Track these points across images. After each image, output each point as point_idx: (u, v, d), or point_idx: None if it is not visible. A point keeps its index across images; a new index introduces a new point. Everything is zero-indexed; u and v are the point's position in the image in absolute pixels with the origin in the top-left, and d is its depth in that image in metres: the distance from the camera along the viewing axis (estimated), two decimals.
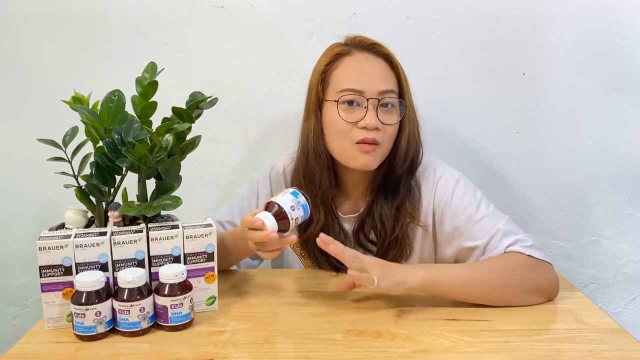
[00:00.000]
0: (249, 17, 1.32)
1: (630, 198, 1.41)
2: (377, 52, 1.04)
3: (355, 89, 1.01)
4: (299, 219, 0.91)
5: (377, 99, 1.01)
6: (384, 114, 1.02)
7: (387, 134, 1.03)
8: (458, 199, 1.05)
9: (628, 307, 1.47)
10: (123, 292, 0.82)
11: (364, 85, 1.01)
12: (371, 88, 1.01)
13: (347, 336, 0.83)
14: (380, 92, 1.01)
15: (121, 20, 1.31)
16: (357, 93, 1.01)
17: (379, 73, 1.03)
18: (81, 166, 0.96)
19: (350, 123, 1.01)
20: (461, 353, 0.79)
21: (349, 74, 1.03)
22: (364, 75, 1.02)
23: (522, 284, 0.94)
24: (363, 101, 1.00)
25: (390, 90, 1.02)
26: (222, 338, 0.83)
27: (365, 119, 1.00)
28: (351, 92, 1.01)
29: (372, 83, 1.01)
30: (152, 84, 0.92)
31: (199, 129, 1.00)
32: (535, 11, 1.31)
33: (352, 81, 1.02)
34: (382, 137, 1.02)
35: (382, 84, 1.02)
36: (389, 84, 1.03)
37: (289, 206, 0.89)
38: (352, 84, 1.01)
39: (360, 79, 1.01)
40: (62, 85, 1.31)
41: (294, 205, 0.90)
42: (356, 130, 1.01)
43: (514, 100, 1.36)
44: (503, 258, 0.97)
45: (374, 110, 1.00)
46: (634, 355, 0.78)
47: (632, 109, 1.36)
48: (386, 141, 1.03)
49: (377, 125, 1.00)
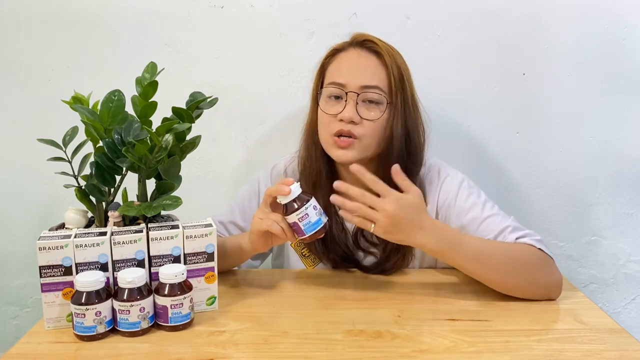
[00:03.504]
0: (249, 17, 1.32)
1: (630, 198, 1.41)
2: (369, 49, 1.05)
3: (337, 82, 1.03)
4: (305, 219, 0.90)
5: (357, 93, 1.01)
6: (364, 109, 1.02)
7: (367, 129, 1.02)
8: (463, 199, 1.05)
9: (628, 307, 1.47)
10: (123, 292, 0.82)
11: (346, 79, 1.02)
12: (353, 82, 1.02)
13: (347, 336, 0.83)
14: (361, 87, 1.01)
15: (121, 20, 1.31)
16: (339, 86, 1.03)
17: (366, 68, 1.03)
18: (81, 166, 0.96)
19: (331, 115, 1.03)
20: (461, 353, 0.79)
21: (337, 69, 1.05)
22: (350, 69, 1.04)
23: (532, 275, 0.95)
24: (344, 94, 1.02)
25: (374, 86, 1.02)
26: (222, 338, 0.83)
27: (343, 112, 1.01)
28: (334, 85, 1.03)
29: (355, 77, 1.02)
30: (152, 84, 0.92)
31: (199, 129, 1.00)
32: (535, 11, 1.31)
33: (338, 75, 1.04)
34: (361, 131, 1.02)
35: (367, 79, 1.02)
36: (375, 79, 1.02)
37: (313, 205, 0.90)
38: (337, 77, 1.04)
39: (345, 73, 1.04)
40: (62, 85, 1.31)
41: (317, 206, 0.91)
42: (335, 122, 1.02)
43: (514, 100, 1.36)
44: (517, 245, 0.97)
45: (353, 104, 1.01)
46: (634, 355, 0.78)
47: (632, 109, 1.36)
48: (366, 136, 1.02)
49: (353, 118, 1.00)
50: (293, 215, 0.90)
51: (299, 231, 0.91)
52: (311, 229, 0.90)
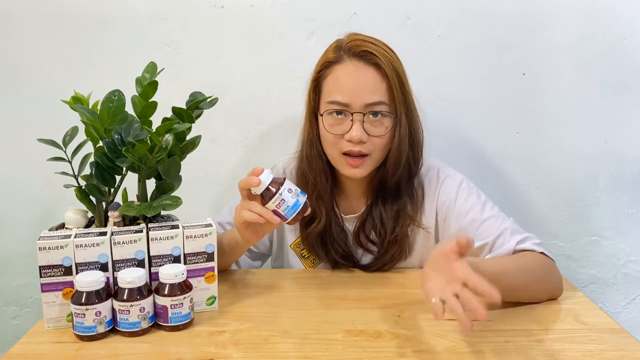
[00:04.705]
0: (249, 17, 1.32)
1: (630, 198, 1.41)
2: (368, 60, 1.00)
3: (341, 102, 1.00)
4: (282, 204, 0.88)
5: (362, 113, 0.99)
6: (371, 126, 1.00)
7: (376, 145, 1.01)
8: (462, 200, 1.05)
9: (628, 307, 1.47)
10: (123, 292, 0.82)
11: (350, 98, 0.99)
12: (357, 101, 0.99)
13: (347, 336, 0.83)
14: (366, 105, 0.99)
15: (121, 20, 1.31)
16: (342, 106, 1.00)
17: (367, 84, 1.00)
18: (81, 166, 0.96)
19: (337, 135, 1.01)
20: (461, 353, 0.79)
21: (337, 85, 1.01)
22: (351, 86, 1.00)
23: (541, 282, 0.94)
24: (349, 114, 1.00)
25: (378, 102, 0.99)
26: (222, 338, 0.83)
27: (351, 133, 0.99)
28: (337, 105, 1.00)
29: (358, 95, 0.99)
30: (152, 84, 0.92)
31: (199, 129, 1.00)
32: (535, 11, 1.31)
33: (339, 93, 1.00)
34: (371, 148, 1.01)
35: (370, 95, 0.99)
36: (378, 94, 1.00)
37: (287, 188, 0.89)
38: (339, 96, 1.00)
39: (346, 91, 0.99)
40: (62, 85, 1.31)
41: (292, 189, 0.89)
42: (343, 141, 1.01)
43: (514, 100, 1.36)
44: (522, 256, 0.96)
45: (359, 124, 0.99)
46: (634, 355, 0.78)
47: (632, 109, 1.36)
48: (376, 151, 1.02)
49: (362, 138, 0.99)
50: (270, 204, 0.89)
51: (281, 216, 0.90)
52: (291, 213, 0.89)
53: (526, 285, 0.92)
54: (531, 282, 0.93)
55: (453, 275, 0.72)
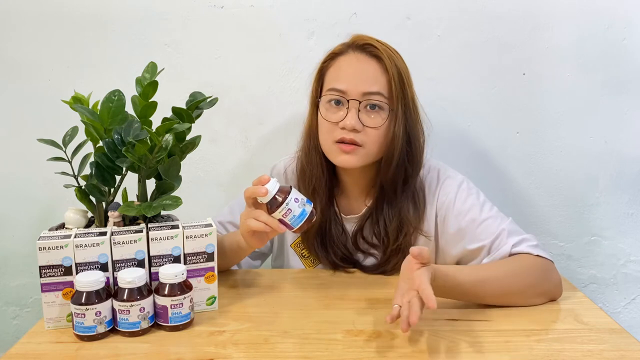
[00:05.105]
0: (249, 17, 1.32)
1: (630, 198, 1.41)
2: (369, 53, 1.02)
3: (338, 89, 1.01)
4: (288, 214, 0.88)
5: (359, 101, 1.00)
6: (367, 116, 1.01)
7: (370, 137, 1.01)
8: (461, 201, 1.05)
9: (628, 307, 1.47)
10: (123, 292, 0.82)
11: (347, 86, 1.01)
12: (354, 89, 1.00)
13: (347, 336, 0.83)
14: (363, 94, 1.00)
15: (121, 20, 1.31)
16: (340, 93, 1.01)
17: (367, 74, 1.01)
18: (81, 166, 0.96)
19: (332, 122, 1.02)
20: (461, 353, 0.79)
21: (338, 73, 1.03)
22: (350, 75, 1.02)
23: (533, 287, 0.94)
24: (345, 101, 1.01)
25: (376, 92, 1.00)
26: (222, 338, 0.83)
27: (345, 120, 1.00)
28: (335, 92, 1.02)
29: (356, 84, 1.00)
30: (152, 84, 0.92)
31: (199, 129, 1.00)
32: (535, 11, 1.31)
33: (338, 81, 1.02)
34: (364, 139, 1.01)
35: (368, 85, 1.00)
36: (376, 85, 1.01)
37: (294, 197, 0.88)
38: (337, 83, 1.02)
39: (345, 79, 1.01)
40: (62, 85, 1.31)
41: (298, 198, 0.89)
42: (337, 129, 1.01)
43: (514, 100, 1.36)
44: (513, 261, 0.96)
45: (355, 111, 1.00)
46: (634, 355, 0.78)
47: (632, 109, 1.36)
48: (369, 143, 1.02)
49: (356, 126, 0.99)
50: (277, 213, 0.88)
51: (287, 225, 0.90)
52: (298, 222, 0.89)
53: (516, 290, 0.92)
54: (523, 286, 0.93)
55: (412, 284, 0.80)
